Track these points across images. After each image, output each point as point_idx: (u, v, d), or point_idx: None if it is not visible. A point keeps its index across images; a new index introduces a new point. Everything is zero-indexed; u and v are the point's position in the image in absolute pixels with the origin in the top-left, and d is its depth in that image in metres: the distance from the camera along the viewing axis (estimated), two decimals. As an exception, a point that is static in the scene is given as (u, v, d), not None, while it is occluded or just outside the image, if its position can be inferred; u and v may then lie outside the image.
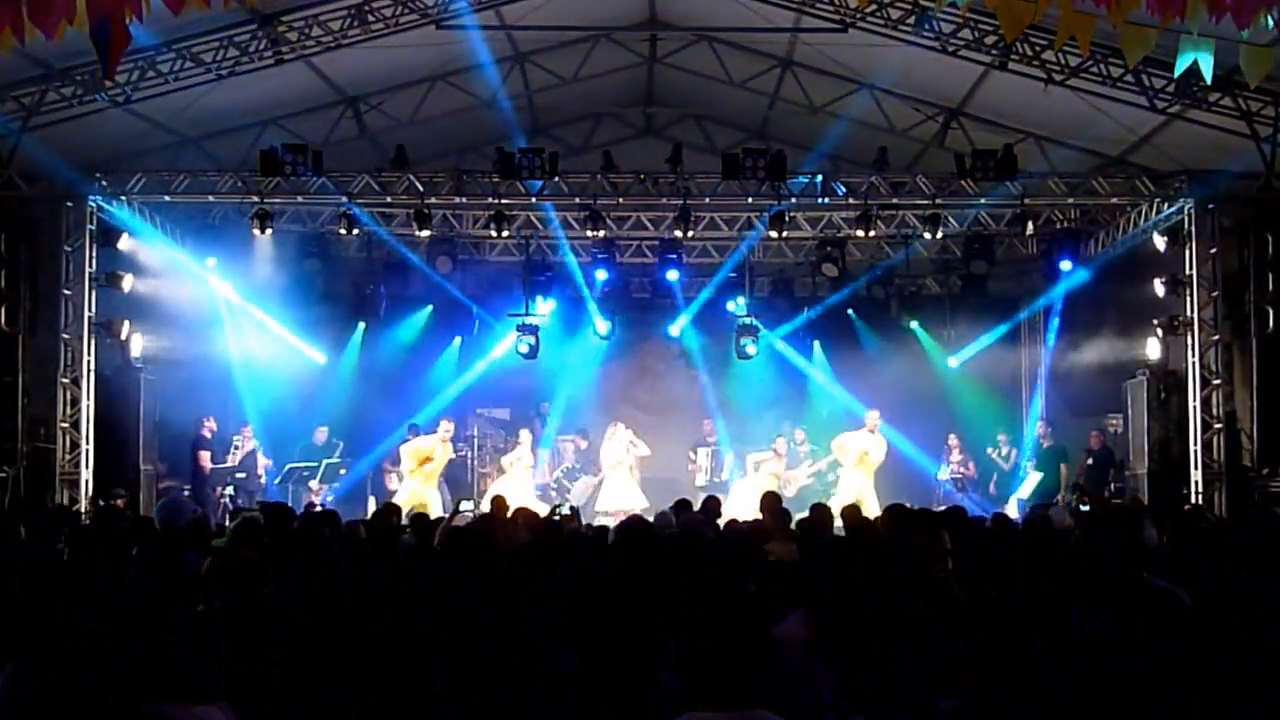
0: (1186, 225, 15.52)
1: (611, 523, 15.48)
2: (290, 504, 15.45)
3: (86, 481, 15.11)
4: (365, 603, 5.14)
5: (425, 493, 16.35)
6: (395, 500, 15.95)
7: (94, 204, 15.58)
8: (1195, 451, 15.16)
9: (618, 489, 17.47)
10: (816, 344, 19.90)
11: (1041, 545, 7.42)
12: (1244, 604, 4.48)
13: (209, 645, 4.65)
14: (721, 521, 10.32)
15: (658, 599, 4.73)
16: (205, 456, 16.37)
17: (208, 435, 16.67)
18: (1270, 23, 4.32)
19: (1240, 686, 3.86)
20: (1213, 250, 15.29)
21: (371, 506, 15.78)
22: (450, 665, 4.41)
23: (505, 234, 16.90)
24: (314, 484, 17.11)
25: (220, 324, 17.74)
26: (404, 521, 11.32)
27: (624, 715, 4.17)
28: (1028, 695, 4.09)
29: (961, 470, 18.08)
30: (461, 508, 16.15)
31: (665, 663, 4.02)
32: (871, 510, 13.84)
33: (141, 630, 4.91)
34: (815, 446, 18.58)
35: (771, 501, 10.07)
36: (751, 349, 17.91)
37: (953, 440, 18.34)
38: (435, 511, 14.79)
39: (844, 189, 16.28)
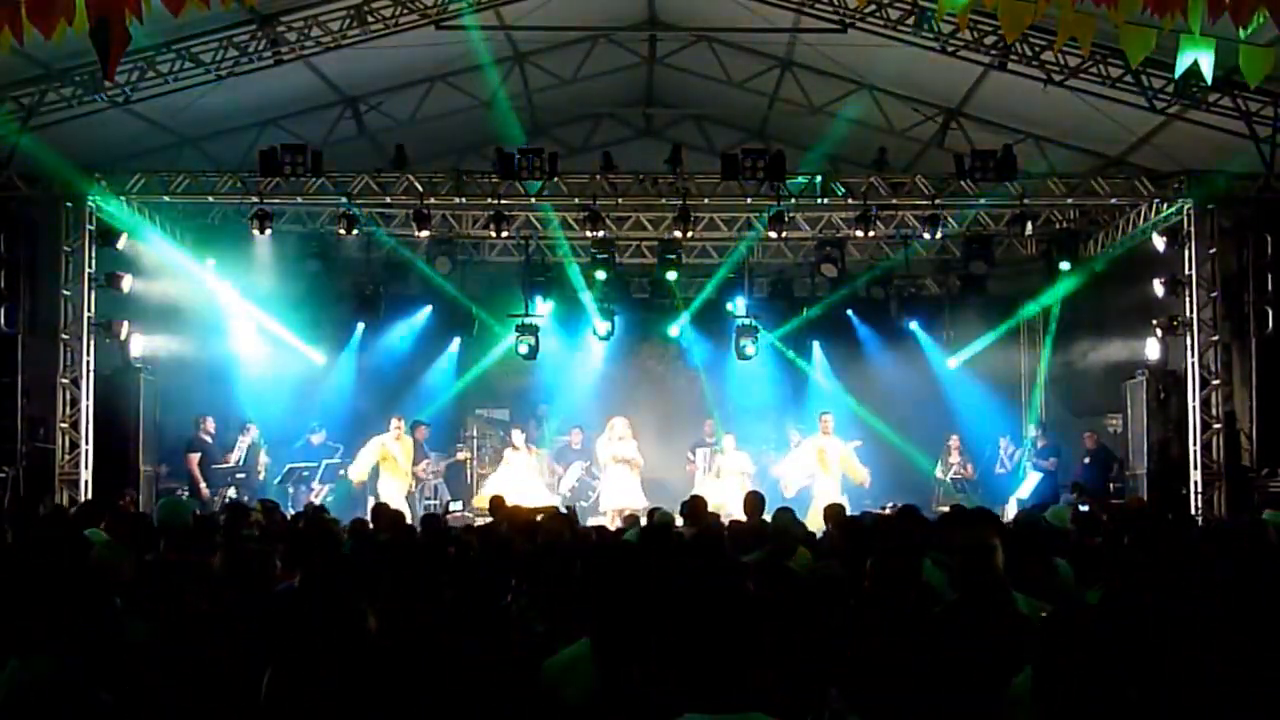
0: (1186, 226, 15.51)
1: (608, 521, 15.54)
2: (290, 504, 15.53)
3: (86, 482, 15.10)
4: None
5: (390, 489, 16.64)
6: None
7: (94, 204, 15.56)
8: (1195, 452, 15.17)
9: (620, 487, 17.42)
10: (816, 344, 19.90)
11: (1038, 545, 7.40)
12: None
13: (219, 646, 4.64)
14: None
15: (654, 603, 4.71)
16: (194, 460, 16.24)
17: (204, 437, 16.61)
18: (1262, 20, 4.32)
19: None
20: (1212, 251, 15.29)
21: (370, 507, 15.78)
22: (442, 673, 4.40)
23: (505, 234, 16.90)
24: (314, 484, 17.12)
25: (220, 324, 17.73)
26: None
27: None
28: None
29: (961, 471, 18.09)
30: (451, 508, 16.22)
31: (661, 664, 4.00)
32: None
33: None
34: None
35: (755, 502, 10.05)
36: (751, 349, 17.91)
37: (953, 441, 18.35)
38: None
39: (843, 189, 16.28)
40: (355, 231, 16.52)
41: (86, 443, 15.24)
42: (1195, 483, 15.07)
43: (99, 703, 4.04)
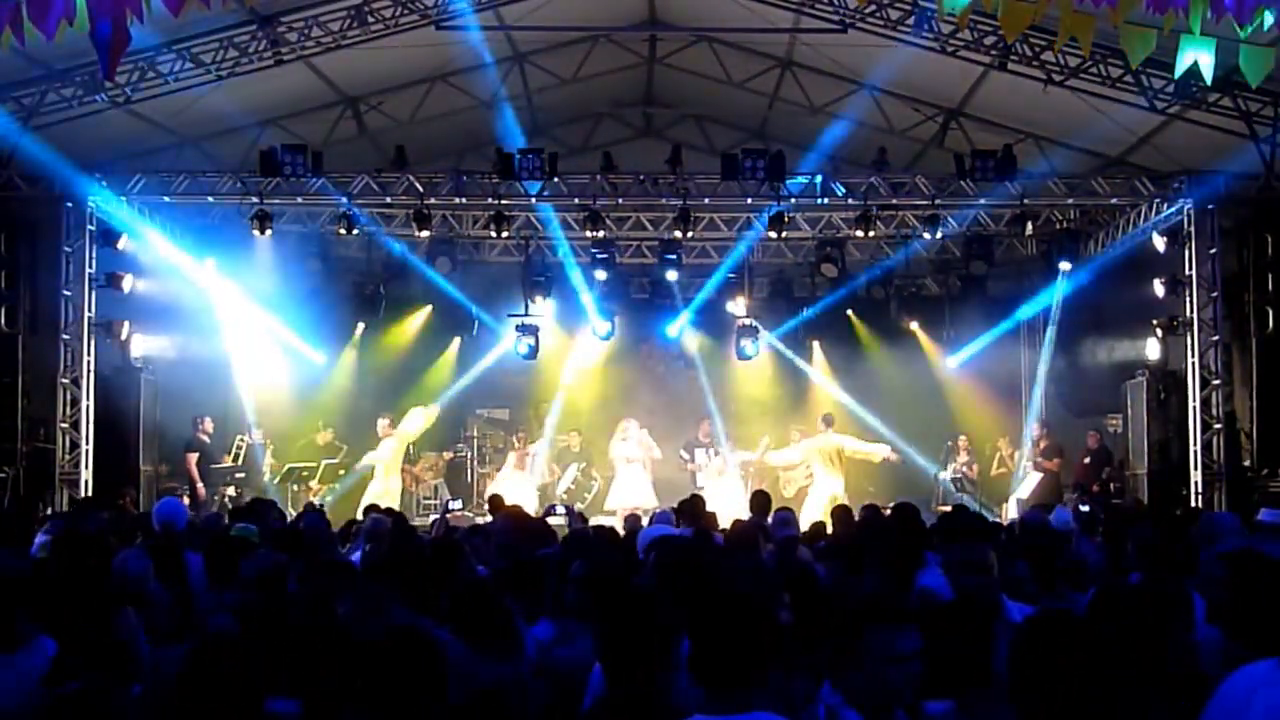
0: (1186, 226, 15.52)
1: (616, 521, 15.52)
2: (288, 504, 15.54)
3: (86, 481, 15.10)
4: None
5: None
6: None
7: (94, 204, 15.57)
8: (1195, 452, 15.17)
9: (629, 487, 17.39)
10: (816, 344, 19.91)
11: (1039, 545, 7.39)
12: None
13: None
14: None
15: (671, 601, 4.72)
16: (192, 460, 16.24)
17: (202, 437, 16.60)
18: (1268, 21, 4.31)
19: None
20: (1212, 251, 15.29)
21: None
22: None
23: (505, 234, 16.91)
24: (313, 484, 17.11)
25: (220, 324, 17.72)
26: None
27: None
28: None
29: (964, 470, 18.08)
30: (451, 506, 16.23)
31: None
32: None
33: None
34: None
35: (761, 500, 10.08)
36: (751, 349, 17.91)
37: (962, 441, 18.31)
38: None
39: (843, 189, 16.28)
40: (355, 231, 16.52)
41: (86, 443, 15.24)
42: (1195, 483, 15.06)
43: (113, 699, 4.03)
